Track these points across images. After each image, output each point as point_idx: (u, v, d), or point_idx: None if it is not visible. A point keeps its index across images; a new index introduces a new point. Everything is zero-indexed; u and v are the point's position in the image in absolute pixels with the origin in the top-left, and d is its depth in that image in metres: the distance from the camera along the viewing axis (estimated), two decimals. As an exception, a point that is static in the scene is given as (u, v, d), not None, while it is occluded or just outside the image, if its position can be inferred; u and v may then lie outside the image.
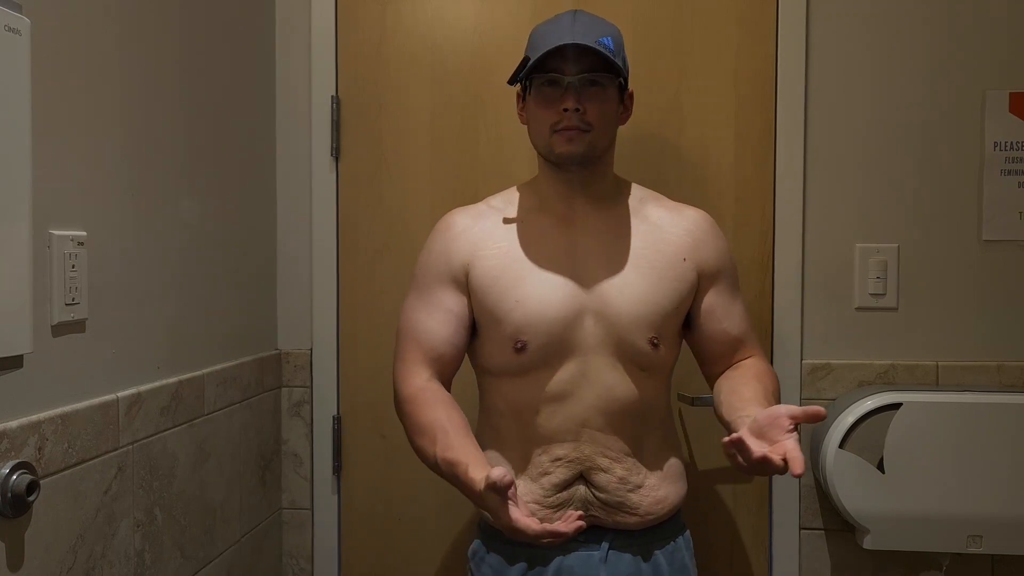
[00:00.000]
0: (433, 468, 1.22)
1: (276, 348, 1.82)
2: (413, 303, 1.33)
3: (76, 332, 1.14)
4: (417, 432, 1.25)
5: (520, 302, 1.26)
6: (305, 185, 1.82)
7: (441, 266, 1.32)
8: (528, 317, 1.26)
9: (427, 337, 1.30)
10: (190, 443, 1.42)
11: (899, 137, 1.68)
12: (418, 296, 1.33)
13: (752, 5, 1.71)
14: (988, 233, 1.66)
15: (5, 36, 0.88)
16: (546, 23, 1.30)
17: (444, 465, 1.18)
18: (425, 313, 1.31)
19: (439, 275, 1.32)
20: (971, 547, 1.51)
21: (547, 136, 1.28)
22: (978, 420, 1.51)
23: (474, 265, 1.30)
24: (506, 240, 1.31)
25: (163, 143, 1.36)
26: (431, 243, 1.36)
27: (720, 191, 1.72)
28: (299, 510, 1.83)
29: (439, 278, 1.32)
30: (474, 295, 1.30)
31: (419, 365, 1.29)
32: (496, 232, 1.32)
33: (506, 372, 1.30)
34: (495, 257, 1.30)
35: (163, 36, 1.35)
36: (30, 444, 1.03)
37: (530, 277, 1.28)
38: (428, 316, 1.31)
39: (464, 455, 1.15)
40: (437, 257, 1.33)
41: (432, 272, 1.33)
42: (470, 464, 1.13)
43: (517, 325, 1.26)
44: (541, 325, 1.26)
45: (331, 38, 1.79)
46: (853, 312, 1.70)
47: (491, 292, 1.28)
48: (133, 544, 1.25)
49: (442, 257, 1.32)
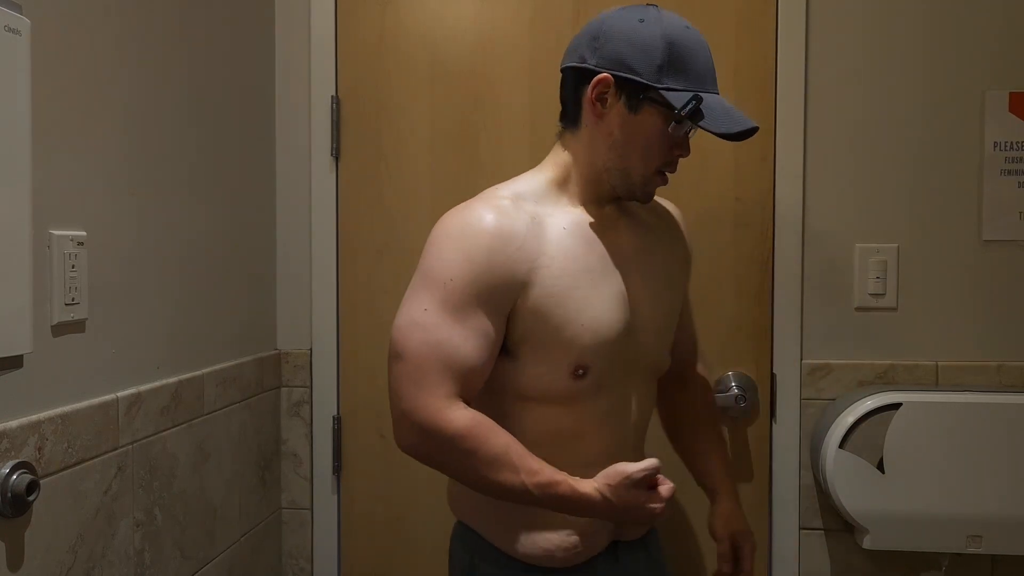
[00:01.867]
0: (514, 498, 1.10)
1: (276, 348, 1.82)
2: (438, 319, 1.09)
3: (76, 332, 1.14)
4: (489, 466, 1.08)
5: (586, 326, 1.12)
6: (305, 185, 1.82)
7: (487, 281, 1.09)
8: (595, 341, 1.13)
9: (461, 363, 1.08)
10: (190, 443, 1.42)
11: (899, 137, 1.68)
12: (447, 312, 1.09)
13: (752, 5, 1.71)
14: (988, 233, 1.66)
15: (5, 36, 0.88)
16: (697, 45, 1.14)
17: (537, 489, 1.07)
18: (460, 336, 1.08)
19: (481, 292, 1.09)
20: (971, 547, 1.51)
21: (648, 172, 1.16)
22: (978, 420, 1.51)
23: (533, 284, 1.11)
24: (560, 254, 1.13)
25: (163, 143, 1.36)
26: (471, 250, 1.10)
27: (720, 191, 1.72)
28: (299, 510, 1.83)
29: (480, 296, 1.09)
30: (527, 317, 1.12)
31: (453, 396, 1.09)
32: (550, 245, 1.13)
33: (554, 399, 1.15)
34: (557, 276, 1.12)
35: (163, 36, 1.35)
36: (30, 444, 1.03)
37: (592, 298, 1.14)
38: (464, 340, 1.08)
39: (554, 473, 1.08)
40: (482, 269, 1.09)
41: (473, 287, 1.09)
42: (567, 480, 1.08)
43: (582, 350, 1.12)
44: (604, 349, 1.14)
45: (331, 38, 1.80)
46: (853, 312, 1.70)
47: (554, 316, 1.12)
48: (133, 544, 1.25)
49: (488, 271, 1.09)
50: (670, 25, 1.13)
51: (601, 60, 1.14)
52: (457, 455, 1.09)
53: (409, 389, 1.09)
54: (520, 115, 1.76)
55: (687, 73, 1.12)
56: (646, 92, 1.12)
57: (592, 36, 1.16)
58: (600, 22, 1.16)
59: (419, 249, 1.35)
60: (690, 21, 1.77)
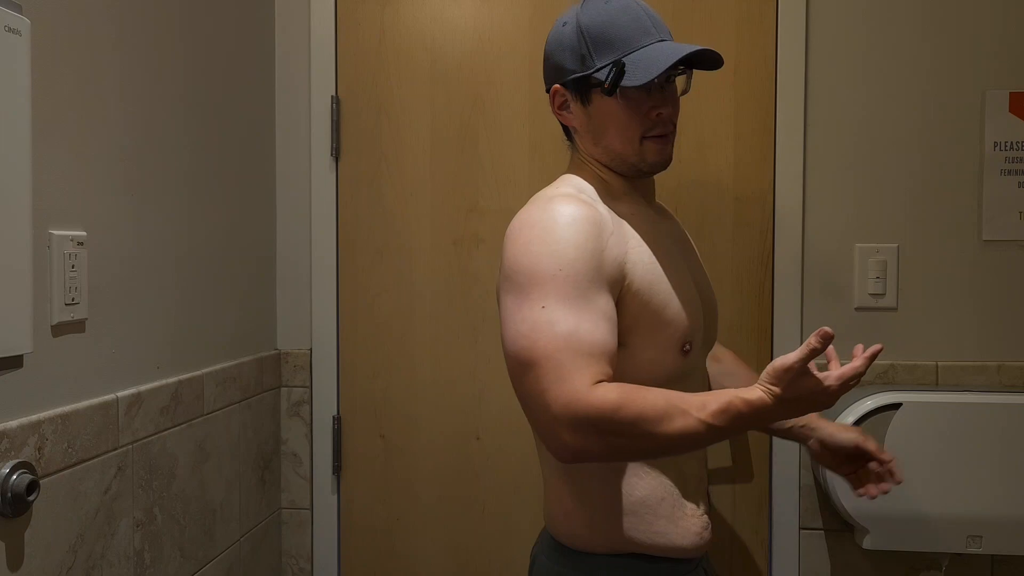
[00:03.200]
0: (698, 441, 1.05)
1: (276, 348, 1.82)
2: (560, 311, 1.04)
3: (76, 332, 1.14)
4: (660, 421, 1.02)
5: (681, 304, 1.15)
6: (305, 185, 1.82)
7: (596, 266, 1.08)
8: (691, 317, 1.16)
9: (593, 348, 1.04)
10: (190, 443, 1.42)
11: (899, 137, 1.68)
12: (566, 302, 1.05)
13: (752, 5, 1.71)
14: (988, 233, 1.66)
15: (5, 36, 0.88)
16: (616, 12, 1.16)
17: (716, 419, 1.01)
18: (588, 321, 1.05)
19: (592, 276, 1.07)
20: (971, 547, 1.51)
21: (635, 145, 1.16)
22: (978, 420, 1.51)
23: (629, 264, 1.12)
24: (641, 240, 1.16)
25: (163, 143, 1.36)
26: (573, 238, 1.07)
27: (720, 191, 1.72)
28: (299, 510, 1.83)
29: (592, 280, 1.07)
30: (632, 304, 1.12)
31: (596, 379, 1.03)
32: (630, 233, 1.16)
33: (664, 380, 1.13)
34: (648, 261, 1.14)
35: (163, 36, 1.35)
36: (30, 444, 1.03)
37: (675, 278, 1.16)
38: (592, 324, 1.05)
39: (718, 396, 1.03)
40: (590, 255, 1.07)
41: (587, 273, 1.06)
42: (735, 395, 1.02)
43: (684, 327, 1.15)
44: (696, 323, 1.18)
45: (331, 38, 1.80)
46: (853, 312, 1.70)
47: (655, 298, 1.13)
48: (133, 544, 1.25)
49: (596, 255, 1.08)
50: (585, 12, 1.16)
51: (548, 77, 1.22)
52: (627, 427, 1.02)
53: (552, 391, 1.01)
54: (520, 115, 1.76)
55: (612, 44, 1.14)
56: (584, 83, 1.16)
57: (544, 59, 1.23)
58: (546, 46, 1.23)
59: (419, 249, 1.35)
60: (690, 21, 1.78)
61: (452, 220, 1.78)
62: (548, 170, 1.76)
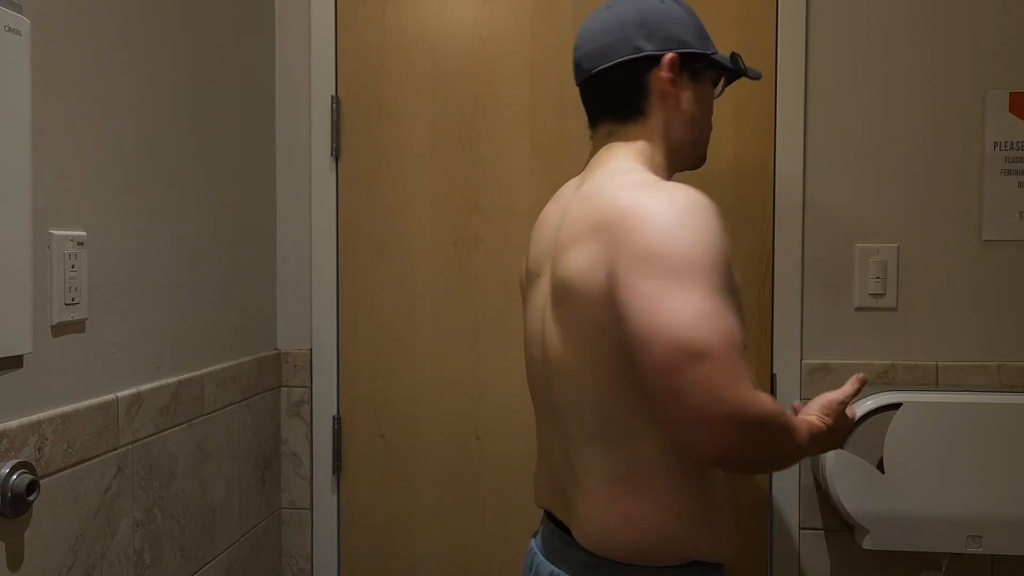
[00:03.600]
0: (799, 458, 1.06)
1: (276, 348, 1.82)
2: (721, 304, 0.96)
3: (76, 332, 1.14)
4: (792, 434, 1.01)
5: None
6: (305, 185, 1.82)
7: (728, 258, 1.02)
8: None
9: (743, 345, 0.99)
10: (190, 443, 1.42)
11: (899, 137, 1.68)
12: (721, 295, 0.97)
13: (752, 5, 1.71)
14: (988, 233, 1.66)
15: (5, 36, 0.88)
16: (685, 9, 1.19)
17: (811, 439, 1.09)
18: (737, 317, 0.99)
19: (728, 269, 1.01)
20: (970, 547, 1.51)
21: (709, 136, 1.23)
22: (978, 420, 1.51)
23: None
24: None
25: (163, 143, 1.36)
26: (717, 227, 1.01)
27: (720, 191, 1.72)
28: (299, 510, 1.83)
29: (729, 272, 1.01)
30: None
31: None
32: None
33: None
34: None
35: (163, 36, 1.35)
36: (30, 444, 1.03)
37: None
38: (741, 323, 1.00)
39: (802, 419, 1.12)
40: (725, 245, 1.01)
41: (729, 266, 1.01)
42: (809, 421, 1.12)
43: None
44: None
45: (331, 38, 1.80)
46: (853, 312, 1.70)
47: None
48: (133, 544, 1.25)
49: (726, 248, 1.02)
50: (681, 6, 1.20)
51: (660, 43, 1.14)
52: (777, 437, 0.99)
53: (728, 389, 0.94)
54: (520, 115, 1.76)
55: (707, 36, 1.19)
56: (700, 61, 1.17)
57: (639, 24, 1.15)
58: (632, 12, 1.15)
59: (419, 249, 1.34)
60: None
61: (452, 220, 1.78)
62: (548, 170, 1.76)
